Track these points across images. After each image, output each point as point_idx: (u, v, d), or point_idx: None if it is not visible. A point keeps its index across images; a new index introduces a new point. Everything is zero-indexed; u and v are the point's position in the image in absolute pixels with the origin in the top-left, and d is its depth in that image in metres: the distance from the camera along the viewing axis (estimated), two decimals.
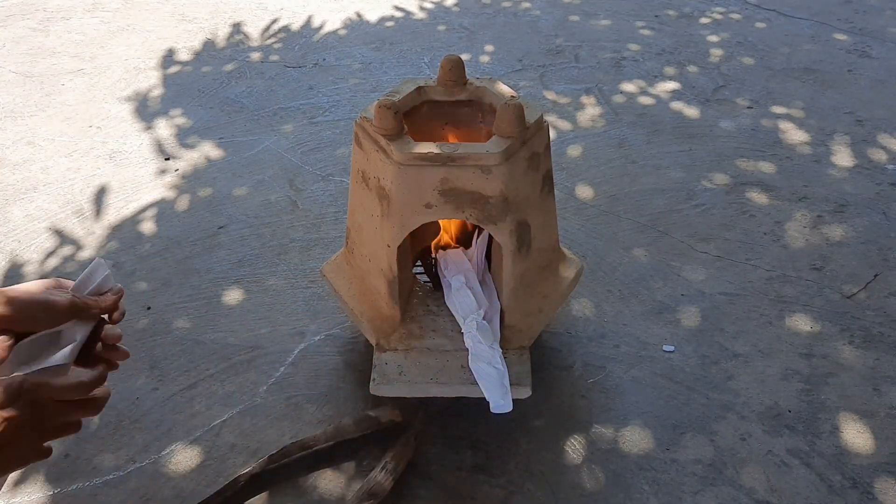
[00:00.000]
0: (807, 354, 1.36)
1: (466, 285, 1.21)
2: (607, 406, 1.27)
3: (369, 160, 1.13)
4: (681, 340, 1.40)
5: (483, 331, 1.16)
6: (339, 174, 1.90)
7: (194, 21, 2.81)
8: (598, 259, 1.59)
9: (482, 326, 1.16)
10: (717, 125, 2.06)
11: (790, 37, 2.57)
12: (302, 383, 1.33)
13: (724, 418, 1.25)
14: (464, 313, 1.18)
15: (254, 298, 1.52)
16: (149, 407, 1.29)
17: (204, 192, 1.85)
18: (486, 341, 1.15)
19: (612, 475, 1.16)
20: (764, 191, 1.79)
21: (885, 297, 1.48)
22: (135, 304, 1.51)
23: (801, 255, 1.60)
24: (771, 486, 1.14)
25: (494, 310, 1.20)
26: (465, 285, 1.21)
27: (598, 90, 2.25)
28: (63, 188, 1.87)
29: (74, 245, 1.68)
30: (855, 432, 1.22)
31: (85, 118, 2.18)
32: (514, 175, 1.08)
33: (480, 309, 1.18)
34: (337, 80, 2.36)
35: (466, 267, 1.25)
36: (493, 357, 1.14)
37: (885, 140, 1.98)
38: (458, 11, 2.85)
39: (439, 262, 1.28)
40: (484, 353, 1.14)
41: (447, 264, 1.26)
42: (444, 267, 1.26)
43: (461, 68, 1.20)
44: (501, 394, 1.11)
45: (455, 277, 1.22)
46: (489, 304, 1.20)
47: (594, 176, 1.86)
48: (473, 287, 1.21)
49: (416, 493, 1.14)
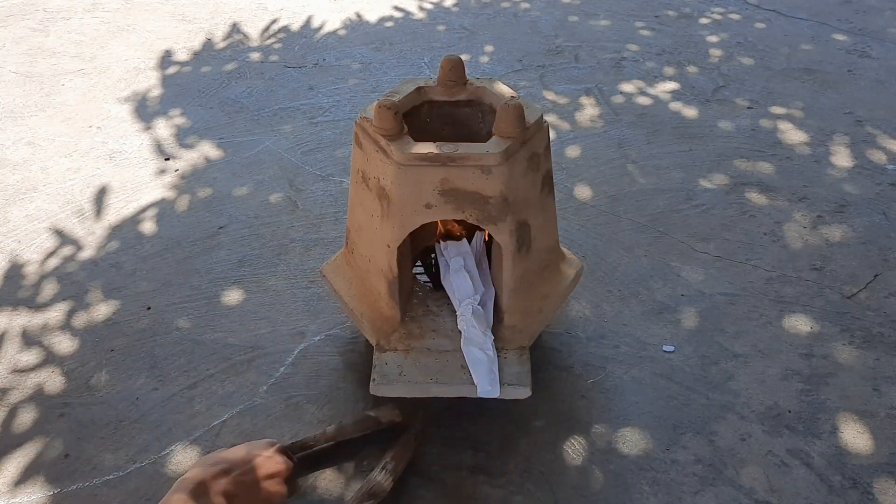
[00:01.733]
0: (807, 354, 1.36)
1: (465, 268, 1.22)
2: (607, 406, 1.27)
3: (369, 160, 1.13)
4: (681, 341, 1.40)
5: (478, 316, 1.18)
6: (339, 174, 1.90)
7: (194, 21, 2.81)
8: (598, 259, 1.59)
9: (477, 312, 1.19)
10: (717, 125, 2.06)
11: (790, 37, 2.57)
12: (302, 383, 1.33)
13: (723, 418, 1.25)
14: (460, 297, 1.20)
15: (254, 298, 1.52)
16: (149, 407, 1.29)
17: (204, 193, 1.85)
18: (479, 326, 1.17)
19: (612, 475, 1.16)
20: (764, 191, 1.79)
21: (885, 298, 1.48)
22: (135, 304, 1.51)
23: (801, 255, 1.60)
24: (771, 487, 1.14)
25: (489, 295, 1.22)
26: (463, 268, 1.22)
27: (598, 90, 2.25)
28: (63, 188, 1.87)
29: (74, 245, 1.68)
30: (855, 432, 1.22)
31: (85, 118, 2.18)
32: (514, 175, 1.08)
33: (477, 294, 1.20)
34: (337, 81, 2.36)
35: (465, 250, 1.27)
36: (485, 343, 1.17)
37: (885, 140, 1.98)
38: (458, 12, 2.85)
39: (440, 247, 1.29)
40: (476, 338, 1.17)
41: (447, 247, 1.27)
42: (444, 249, 1.27)
43: (461, 68, 1.20)
44: (490, 380, 1.14)
45: (454, 259, 1.24)
46: (485, 289, 1.21)
47: (594, 176, 1.87)
48: (471, 271, 1.23)
49: (416, 493, 1.14)
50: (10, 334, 1.45)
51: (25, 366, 1.39)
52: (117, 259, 1.64)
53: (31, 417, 1.29)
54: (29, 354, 1.41)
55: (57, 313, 1.50)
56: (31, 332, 1.46)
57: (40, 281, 1.58)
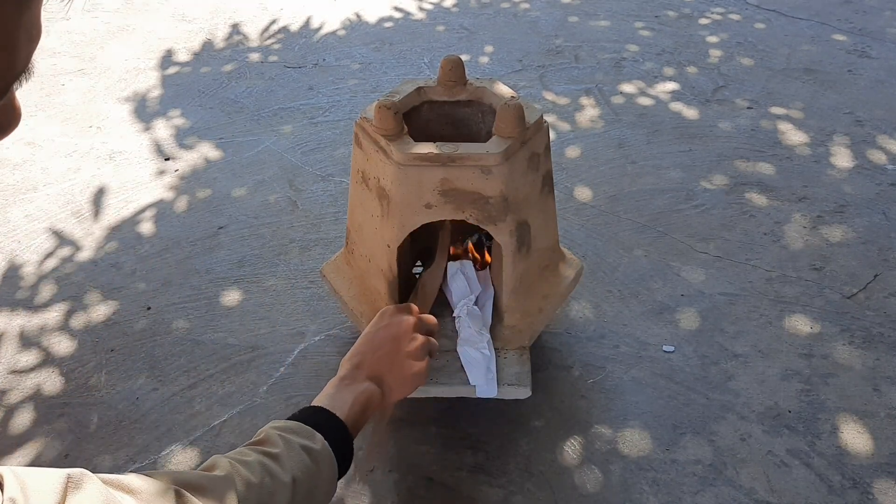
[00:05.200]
0: (807, 355, 1.36)
1: (461, 271, 1.22)
2: (607, 406, 1.27)
3: (369, 160, 1.13)
4: (681, 341, 1.40)
5: (473, 316, 1.18)
6: (339, 174, 1.90)
7: (194, 21, 2.81)
8: (598, 259, 1.59)
9: (473, 312, 1.18)
10: (717, 125, 2.06)
11: (790, 37, 2.57)
12: (302, 384, 1.33)
13: (723, 418, 1.25)
14: (457, 298, 1.20)
15: (254, 299, 1.52)
16: (149, 407, 1.29)
17: (204, 193, 1.85)
18: (474, 326, 1.17)
19: (612, 475, 1.16)
20: (763, 191, 1.79)
21: (885, 298, 1.48)
22: (135, 305, 1.51)
23: (801, 255, 1.60)
24: (771, 487, 1.14)
25: (488, 296, 1.22)
26: (459, 271, 1.22)
27: (598, 91, 2.25)
28: (63, 188, 1.87)
29: (74, 245, 1.68)
30: (855, 432, 1.22)
31: (85, 118, 2.18)
32: (514, 175, 1.08)
33: (473, 294, 1.20)
34: (337, 81, 2.36)
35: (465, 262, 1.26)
36: (481, 342, 1.16)
37: (885, 140, 1.98)
38: (458, 12, 2.85)
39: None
40: (472, 338, 1.17)
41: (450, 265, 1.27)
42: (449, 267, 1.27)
43: (461, 69, 1.20)
44: (486, 379, 1.14)
45: (451, 265, 1.24)
46: (483, 290, 1.21)
47: (594, 176, 1.86)
48: (467, 273, 1.22)
49: (416, 493, 1.14)
50: (8, 335, 1.45)
51: (25, 366, 1.39)
52: (117, 259, 1.64)
53: (31, 418, 1.29)
54: (28, 355, 1.41)
55: (56, 313, 1.50)
56: (29, 332, 1.46)
57: (39, 281, 1.58)
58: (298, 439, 0.79)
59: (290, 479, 0.73)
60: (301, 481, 0.74)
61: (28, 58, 0.32)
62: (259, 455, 0.74)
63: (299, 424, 0.82)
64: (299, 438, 0.79)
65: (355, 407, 0.90)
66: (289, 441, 0.78)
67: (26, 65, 0.32)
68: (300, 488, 0.74)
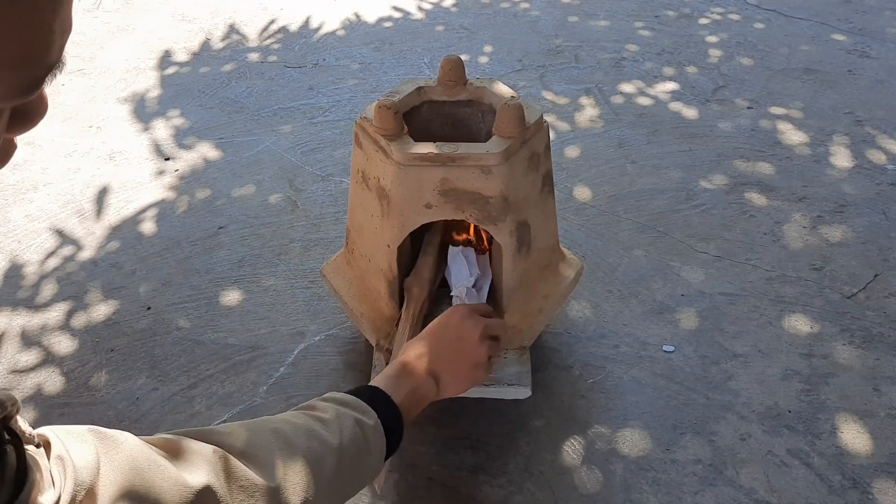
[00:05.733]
0: (807, 354, 1.36)
1: (462, 253, 1.23)
2: (607, 406, 1.27)
3: (369, 160, 1.13)
4: (681, 340, 1.40)
5: (471, 297, 1.20)
6: (339, 174, 1.90)
7: (194, 21, 2.81)
8: (598, 259, 1.59)
9: (470, 293, 1.20)
10: (717, 125, 2.06)
11: (790, 37, 2.57)
12: (302, 383, 1.33)
13: (723, 418, 1.25)
14: (455, 281, 1.21)
15: (254, 298, 1.52)
16: (149, 407, 1.29)
17: (204, 193, 1.85)
18: None
19: (612, 475, 1.16)
20: (763, 191, 1.79)
21: (885, 298, 1.48)
22: (135, 305, 1.51)
23: (801, 255, 1.60)
24: (771, 487, 1.14)
25: (486, 280, 1.23)
26: (460, 253, 1.23)
27: (598, 90, 2.26)
28: (63, 188, 1.87)
29: (74, 245, 1.68)
30: (855, 432, 1.22)
31: (85, 118, 2.18)
32: (514, 175, 1.08)
33: (471, 276, 1.21)
34: (336, 81, 2.36)
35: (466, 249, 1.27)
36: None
37: (885, 140, 1.98)
38: (457, 12, 2.85)
39: None
40: None
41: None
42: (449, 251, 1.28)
43: (461, 68, 1.20)
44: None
45: (451, 248, 1.25)
46: (481, 274, 1.23)
47: (594, 176, 1.87)
48: (468, 256, 1.24)
49: (416, 493, 1.14)
50: (9, 334, 1.45)
51: (25, 366, 1.39)
52: (117, 259, 1.64)
53: (31, 417, 1.29)
54: (28, 354, 1.41)
55: (56, 313, 1.50)
56: (30, 332, 1.46)
57: (40, 281, 1.58)
58: (353, 412, 0.81)
59: (337, 444, 0.75)
60: (348, 450, 0.76)
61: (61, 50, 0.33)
62: (309, 419, 0.77)
63: (356, 399, 0.84)
64: (353, 412, 0.81)
65: (412, 396, 0.91)
66: (342, 412, 0.80)
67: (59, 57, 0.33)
68: (346, 455, 0.76)
